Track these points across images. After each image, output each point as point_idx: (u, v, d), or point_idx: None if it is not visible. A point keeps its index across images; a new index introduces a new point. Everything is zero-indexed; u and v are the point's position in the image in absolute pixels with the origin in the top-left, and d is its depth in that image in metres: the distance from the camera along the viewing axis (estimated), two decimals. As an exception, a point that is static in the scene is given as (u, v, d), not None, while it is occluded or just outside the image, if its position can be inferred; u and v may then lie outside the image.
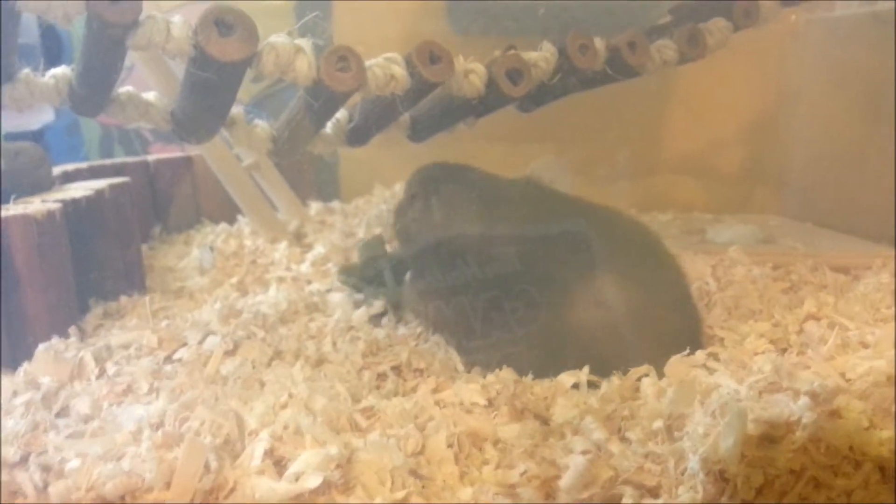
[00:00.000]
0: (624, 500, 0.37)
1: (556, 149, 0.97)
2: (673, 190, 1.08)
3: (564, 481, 0.38)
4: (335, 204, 1.04)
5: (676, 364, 0.47)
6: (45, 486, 0.33)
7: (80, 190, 0.68)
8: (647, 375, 0.47)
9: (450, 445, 0.41)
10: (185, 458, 0.33)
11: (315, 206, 1.01)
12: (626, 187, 1.06)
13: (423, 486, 0.37)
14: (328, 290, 0.70)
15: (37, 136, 1.17)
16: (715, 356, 0.49)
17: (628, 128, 1.04)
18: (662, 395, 0.43)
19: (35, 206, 0.59)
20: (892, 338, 0.45)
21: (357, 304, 0.65)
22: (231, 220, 0.95)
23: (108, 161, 1.01)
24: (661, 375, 0.48)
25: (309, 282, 0.74)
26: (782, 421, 0.36)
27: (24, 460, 0.34)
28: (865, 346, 0.48)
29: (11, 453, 0.34)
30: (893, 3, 0.42)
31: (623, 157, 1.04)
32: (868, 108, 0.86)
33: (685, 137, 1.08)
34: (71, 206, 0.62)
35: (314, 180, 1.10)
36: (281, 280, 0.75)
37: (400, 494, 0.36)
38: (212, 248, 0.85)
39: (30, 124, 1.14)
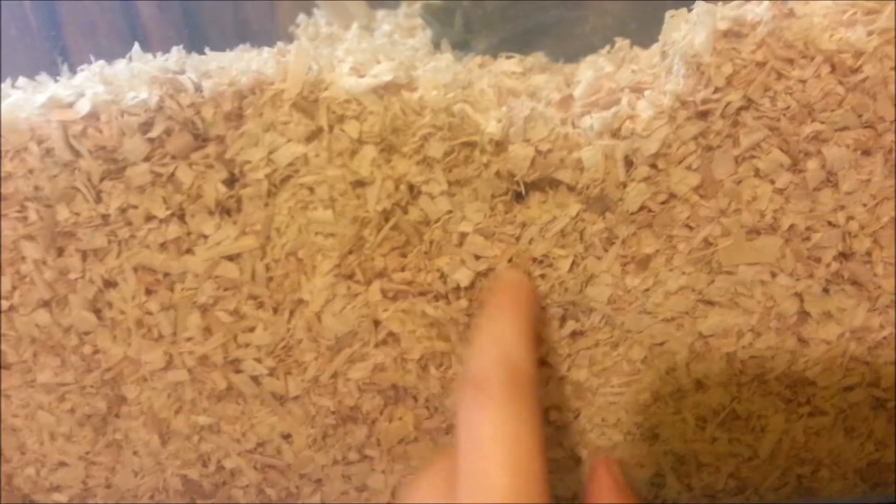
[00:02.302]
0: (621, 99, 0.48)
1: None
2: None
3: (576, 91, 0.49)
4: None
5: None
6: (199, 83, 0.47)
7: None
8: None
9: (491, 87, 0.52)
10: (296, 61, 0.46)
11: (380, 13, 1.12)
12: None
13: (465, 99, 0.49)
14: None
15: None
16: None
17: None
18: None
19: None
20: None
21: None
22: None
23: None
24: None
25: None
26: (746, 20, 0.45)
27: (180, 70, 0.48)
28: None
29: (172, 65, 0.48)
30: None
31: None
32: None
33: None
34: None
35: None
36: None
37: (450, 95, 0.48)
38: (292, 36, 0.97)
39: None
